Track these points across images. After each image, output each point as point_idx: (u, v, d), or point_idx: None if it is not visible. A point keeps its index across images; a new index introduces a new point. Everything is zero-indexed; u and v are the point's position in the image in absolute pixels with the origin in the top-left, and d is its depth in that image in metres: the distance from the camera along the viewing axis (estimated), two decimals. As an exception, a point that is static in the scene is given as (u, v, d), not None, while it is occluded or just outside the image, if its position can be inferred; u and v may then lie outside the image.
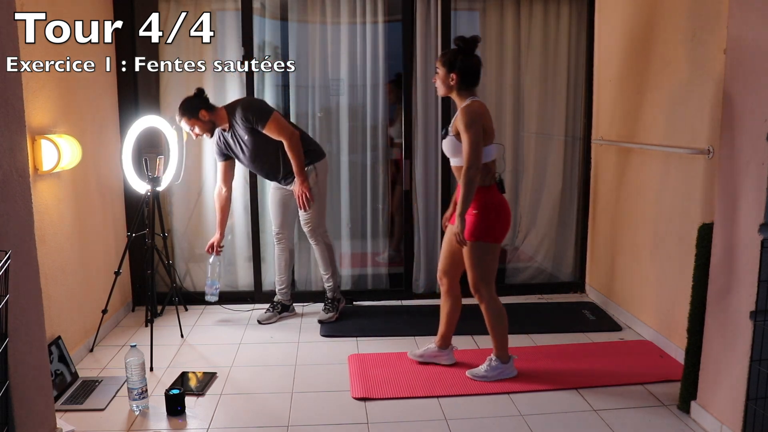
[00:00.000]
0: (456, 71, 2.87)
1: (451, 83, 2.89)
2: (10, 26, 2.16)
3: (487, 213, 2.91)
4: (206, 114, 3.56)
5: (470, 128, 2.81)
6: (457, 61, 2.87)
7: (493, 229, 2.93)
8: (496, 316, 3.02)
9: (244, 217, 4.29)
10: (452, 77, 2.88)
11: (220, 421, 2.71)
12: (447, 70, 2.89)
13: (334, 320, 3.86)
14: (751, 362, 2.30)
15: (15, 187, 2.14)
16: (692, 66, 3.07)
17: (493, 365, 3.05)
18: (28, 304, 2.22)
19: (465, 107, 2.86)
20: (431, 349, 3.26)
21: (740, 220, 2.36)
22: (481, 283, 2.97)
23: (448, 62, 2.89)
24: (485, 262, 2.96)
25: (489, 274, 2.99)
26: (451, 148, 2.94)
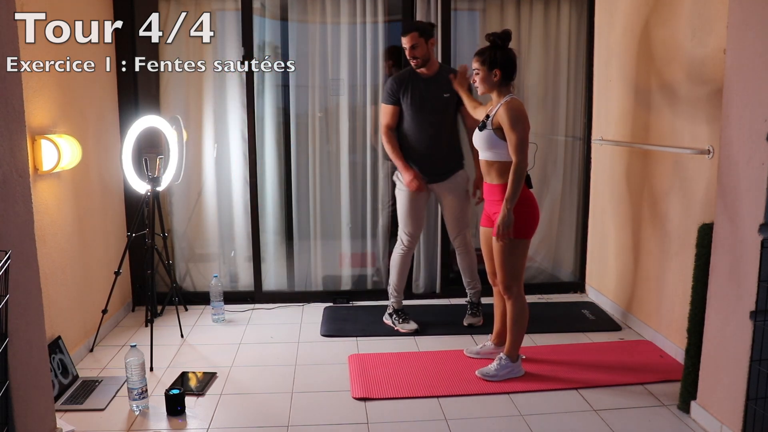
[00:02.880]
0: (498, 67, 2.90)
1: (494, 80, 2.92)
2: (10, 26, 2.16)
3: (518, 212, 2.92)
4: (434, 44, 3.53)
5: (517, 126, 2.85)
6: (497, 57, 2.90)
7: (524, 226, 2.95)
8: (520, 313, 3.05)
9: (244, 217, 4.29)
10: (495, 73, 2.91)
11: (220, 421, 2.71)
12: (489, 68, 2.91)
13: (480, 324, 3.77)
14: (751, 362, 2.30)
15: (15, 187, 2.15)
16: (692, 66, 3.07)
17: (503, 364, 3.05)
18: (28, 304, 2.22)
19: (508, 104, 2.89)
20: (488, 347, 3.30)
21: (740, 220, 2.36)
22: (512, 280, 3.00)
23: (489, 60, 2.91)
24: (516, 258, 2.99)
25: (520, 270, 3.02)
26: (488, 141, 2.95)
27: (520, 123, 2.86)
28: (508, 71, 2.92)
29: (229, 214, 4.33)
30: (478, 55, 2.95)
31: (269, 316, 4.07)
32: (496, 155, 2.94)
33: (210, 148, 4.24)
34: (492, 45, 2.92)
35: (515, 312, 3.05)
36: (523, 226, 2.94)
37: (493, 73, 2.91)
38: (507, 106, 2.88)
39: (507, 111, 2.87)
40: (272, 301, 4.27)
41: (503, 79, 2.92)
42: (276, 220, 4.40)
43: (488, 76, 2.92)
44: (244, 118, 4.17)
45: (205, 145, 4.24)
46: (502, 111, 2.88)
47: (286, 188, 4.38)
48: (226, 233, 4.35)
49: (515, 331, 3.06)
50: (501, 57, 2.90)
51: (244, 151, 4.21)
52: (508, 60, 2.92)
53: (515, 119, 2.85)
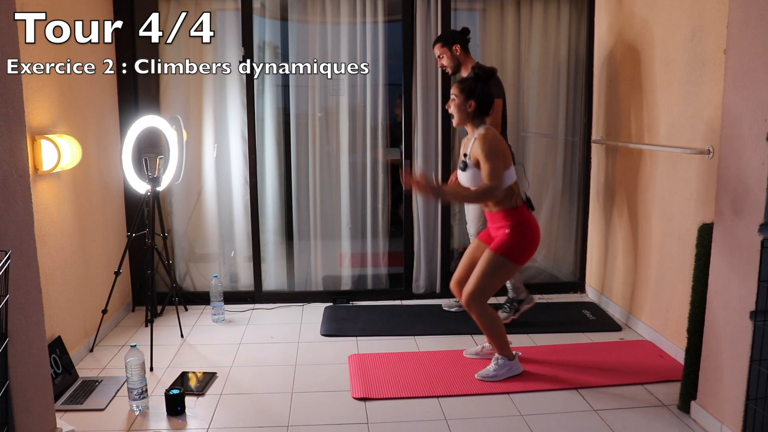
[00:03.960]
0: (475, 99, 2.90)
1: (468, 110, 2.92)
2: (10, 26, 2.16)
3: (520, 234, 2.92)
4: (459, 49, 3.63)
5: (491, 156, 2.83)
6: (477, 88, 2.91)
7: (521, 250, 2.95)
8: (489, 322, 3.03)
9: (244, 217, 4.30)
10: (470, 104, 2.91)
11: (220, 421, 2.71)
12: (465, 98, 2.92)
13: (509, 321, 3.75)
14: (751, 362, 2.30)
15: (15, 187, 2.15)
16: (692, 66, 3.07)
17: (500, 363, 3.05)
18: (28, 304, 2.22)
19: (481, 136, 2.89)
20: (487, 348, 3.29)
21: (740, 220, 2.36)
22: (479, 295, 2.97)
23: (467, 89, 2.92)
24: (497, 278, 2.98)
25: (492, 290, 3.01)
26: (472, 180, 2.94)
27: (493, 153, 2.84)
28: (483, 106, 2.93)
29: (229, 214, 4.33)
30: (458, 83, 2.97)
31: (269, 316, 4.07)
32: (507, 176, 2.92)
33: (210, 148, 4.24)
34: (475, 77, 2.94)
35: (484, 324, 3.03)
36: (520, 250, 2.94)
37: (468, 104, 2.92)
38: (481, 139, 2.88)
39: (481, 143, 2.87)
40: (272, 301, 4.27)
41: (477, 111, 2.93)
42: (276, 220, 4.40)
43: (463, 106, 2.93)
44: (244, 118, 4.17)
45: (205, 145, 4.24)
46: (477, 144, 2.89)
47: (286, 188, 4.38)
48: (226, 233, 4.36)
49: (495, 337, 3.05)
50: (480, 90, 2.92)
51: (244, 151, 4.21)
52: (486, 96, 2.93)
53: (489, 151, 2.84)
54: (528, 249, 2.97)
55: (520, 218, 2.93)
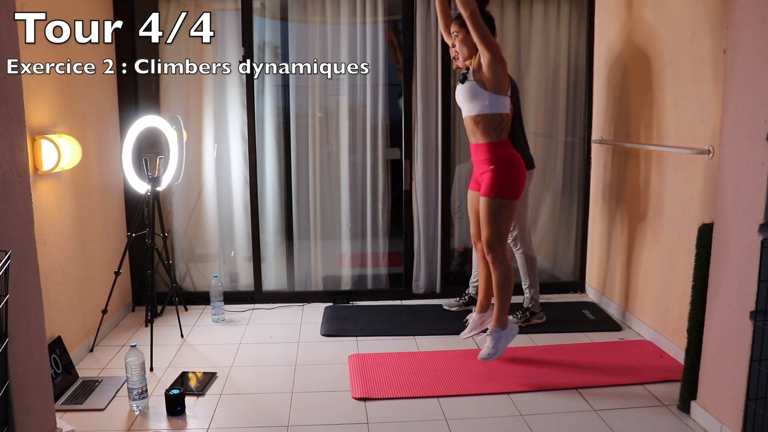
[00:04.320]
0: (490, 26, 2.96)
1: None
2: (10, 26, 2.16)
3: (504, 169, 2.96)
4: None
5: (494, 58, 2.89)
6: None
7: (511, 186, 2.98)
8: (505, 277, 3.05)
9: (244, 217, 4.30)
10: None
11: (220, 421, 2.71)
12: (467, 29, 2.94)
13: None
14: (751, 362, 2.30)
15: (15, 187, 2.15)
16: (692, 66, 3.07)
17: (497, 336, 3.06)
18: (28, 304, 2.23)
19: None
20: (474, 318, 3.31)
21: (740, 220, 2.36)
22: (495, 240, 3.01)
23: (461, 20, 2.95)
24: (502, 218, 3.01)
25: (504, 231, 3.04)
26: (470, 92, 2.98)
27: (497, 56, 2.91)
28: (488, 27, 2.96)
29: (229, 214, 4.33)
30: (456, 20, 3.00)
31: (269, 316, 4.07)
32: (480, 107, 2.95)
33: (210, 148, 4.24)
34: None
35: (501, 277, 3.05)
36: (509, 186, 2.97)
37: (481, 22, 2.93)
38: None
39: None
40: (272, 301, 4.27)
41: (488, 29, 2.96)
42: (276, 220, 4.40)
43: (468, 37, 2.96)
44: (244, 118, 4.17)
45: (205, 145, 4.24)
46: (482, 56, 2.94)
47: (286, 188, 4.38)
48: (226, 233, 4.36)
49: (502, 297, 3.06)
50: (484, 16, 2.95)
51: (244, 151, 4.22)
52: (487, 18, 2.98)
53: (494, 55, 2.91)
54: (516, 183, 3.01)
55: (502, 152, 2.98)
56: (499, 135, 2.98)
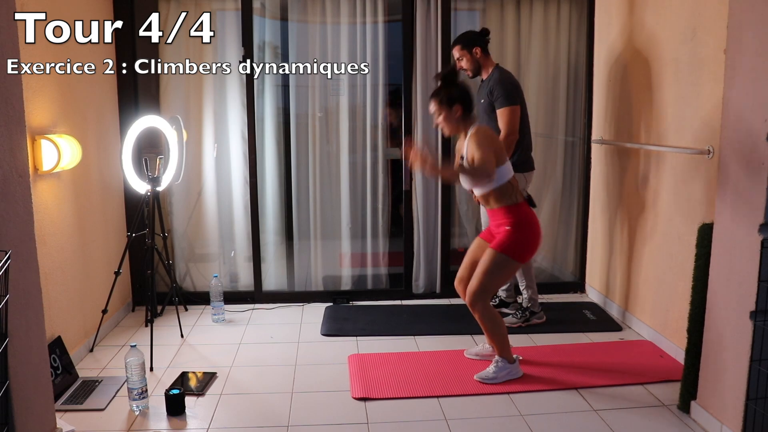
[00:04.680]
0: (458, 102, 2.91)
1: (457, 116, 2.92)
2: (10, 26, 2.16)
3: (521, 231, 2.92)
4: (479, 52, 3.60)
5: (482, 146, 2.84)
6: (454, 93, 2.91)
7: (524, 249, 2.95)
8: (491, 322, 3.03)
9: (244, 217, 4.30)
10: (456, 110, 2.91)
11: (220, 421, 2.71)
12: (449, 106, 2.92)
13: (515, 326, 3.73)
14: (751, 362, 2.30)
15: (15, 187, 2.15)
16: (692, 66, 3.07)
17: (500, 366, 3.05)
18: (28, 304, 2.23)
19: (474, 133, 2.90)
20: (487, 348, 3.27)
21: (740, 220, 2.36)
22: (482, 293, 2.97)
23: (446, 98, 2.92)
24: (499, 276, 2.99)
25: (493, 289, 3.03)
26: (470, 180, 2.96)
27: (485, 143, 2.85)
28: (467, 103, 2.94)
29: (229, 214, 4.33)
30: (434, 98, 2.97)
31: (269, 316, 4.07)
32: (486, 186, 2.93)
33: (210, 148, 4.24)
34: (444, 84, 2.95)
35: (486, 324, 3.03)
36: (521, 249, 2.93)
37: (454, 110, 2.92)
38: (474, 135, 2.90)
39: (474, 138, 2.88)
40: (272, 301, 4.27)
41: (465, 112, 2.94)
42: (276, 220, 4.41)
43: (450, 114, 2.93)
44: (244, 118, 4.17)
45: (205, 145, 4.24)
46: (471, 141, 2.90)
47: (286, 188, 4.38)
48: (226, 233, 4.36)
49: (497, 339, 3.04)
50: (457, 92, 2.92)
51: (244, 151, 4.22)
52: (465, 93, 2.95)
53: (480, 142, 2.85)
54: (529, 246, 2.97)
55: (520, 215, 2.93)
56: (513, 199, 2.93)
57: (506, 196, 2.93)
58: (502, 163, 2.90)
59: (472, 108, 2.97)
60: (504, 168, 2.90)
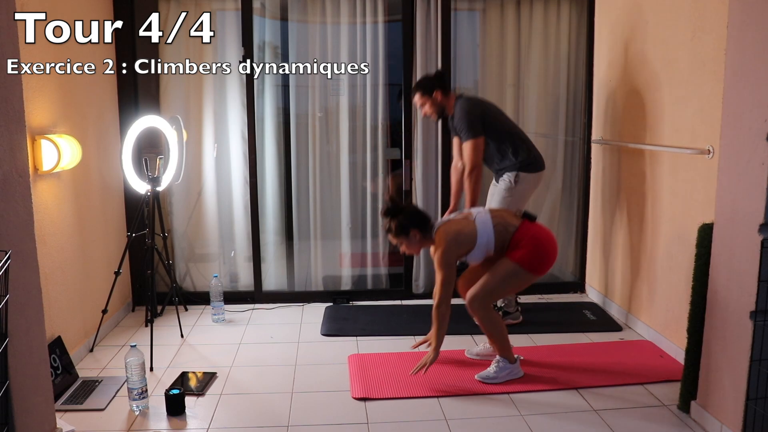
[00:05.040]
0: (413, 228, 2.96)
1: (417, 238, 2.98)
2: (10, 26, 2.16)
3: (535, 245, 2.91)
4: (440, 96, 3.57)
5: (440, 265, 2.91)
6: (404, 222, 2.96)
7: (540, 262, 2.93)
8: (490, 325, 3.02)
9: (244, 217, 4.30)
10: (414, 235, 2.97)
11: (220, 421, 2.71)
12: (405, 235, 2.98)
13: (516, 323, 3.75)
14: (751, 362, 2.30)
15: (15, 187, 2.15)
16: (692, 66, 3.07)
17: (501, 365, 3.05)
18: (28, 304, 2.22)
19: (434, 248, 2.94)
20: (488, 348, 3.26)
21: (740, 220, 2.36)
22: (486, 297, 2.96)
23: (400, 230, 2.96)
24: (508, 285, 2.98)
25: (497, 296, 3.03)
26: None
27: (441, 260, 2.90)
28: (422, 223, 2.97)
29: (229, 214, 4.33)
30: (389, 233, 3.02)
31: (269, 316, 4.07)
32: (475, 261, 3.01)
33: (210, 148, 4.24)
34: (393, 216, 2.97)
35: (486, 326, 3.03)
36: (538, 260, 2.92)
37: (412, 236, 2.96)
38: (434, 255, 2.95)
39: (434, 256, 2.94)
40: (272, 301, 4.27)
41: (422, 235, 2.97)
42: (276, 220, 4.41)
43: (410, 241, 2.99)
44: (244, 118, 4.17)
45: (205, 145, 4.24)
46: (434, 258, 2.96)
47: (286, 188, 4.38)
48: (226, 233, 4.36)
49: (497, 339, 3.05)
50: (406, 219, 2.96)
51: (244, 151, 4.22)
52: (413, 215, 2.98)
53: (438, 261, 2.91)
54: (545, 259, 2.94)
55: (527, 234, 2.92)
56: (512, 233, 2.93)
57: (504, 243, 2.94)
58: (472, 247, 2.93)
59: (428, 222, 2.99)
60: (474, 252, 2.94)
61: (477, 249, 2.94)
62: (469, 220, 2.97)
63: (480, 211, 3.02)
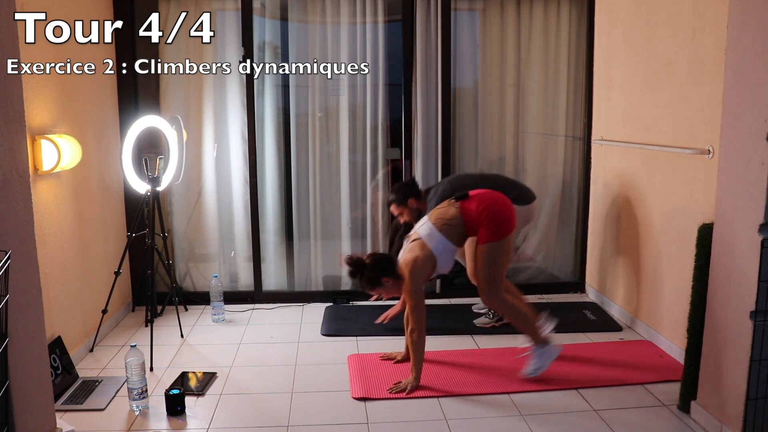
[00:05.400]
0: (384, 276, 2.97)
1: (389, 284, 2.99)
2: (10, 26, 2.16)
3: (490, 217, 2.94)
4: (414, 202, 3.67)
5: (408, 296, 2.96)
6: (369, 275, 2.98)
7: (501, 226, 2.96)
8: (512, 311, 3.05)
9: (244, 217, 4.30)
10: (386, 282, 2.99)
11: (220, 421, 2.71)
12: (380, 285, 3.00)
13: (488, 326, 3.75)
14: (751, 362, 2.30)
15: (15, 187, 2.15)
16: (692, 66, 3.07)
17: (539, 352, 3.04)
18: (28, 304, 2.22)
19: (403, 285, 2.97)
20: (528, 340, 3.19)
21: (740, 220, 2.36)
22: (491, 287, 2.99)
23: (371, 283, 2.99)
24: (498, 263, 2.99)
25: (500, 275, 3.02)
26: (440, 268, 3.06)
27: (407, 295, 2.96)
28: (388, 270, 2.98)
29: (229, 214, 4.33)
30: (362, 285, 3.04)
31: (269, 316, 4.07)
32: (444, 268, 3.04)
33: (210, 148, 4.24)
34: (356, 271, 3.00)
35: (508, 314, 3.07)
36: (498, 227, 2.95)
37: (384, 283, 2.99)
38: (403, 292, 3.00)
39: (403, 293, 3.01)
40: (272, 301, 4.27)
41: (393, 280, 2.98)
42: (276, 220, 4.40)
43: (385, 287, 3.01)
44: (244, 118, 4.17)
45: (205, 145, 4.24)
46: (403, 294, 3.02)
47: (286, 188, 4.38)
48: (226, 233, 4.36)
49: (523, 325, 3.07)
50: (372, 273, 2.98)
51: (244, 151, 4.22)
52: (378, 265, 2.99)
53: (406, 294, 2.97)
54: (503, 221, 2.98)
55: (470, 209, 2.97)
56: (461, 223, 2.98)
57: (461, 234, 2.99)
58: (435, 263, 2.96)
59: (394, 264, 3.01)
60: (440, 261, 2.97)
61: (441, 260, 2.98)
62: (418, 242, 3.00)
63: (422, 226, 3.06)
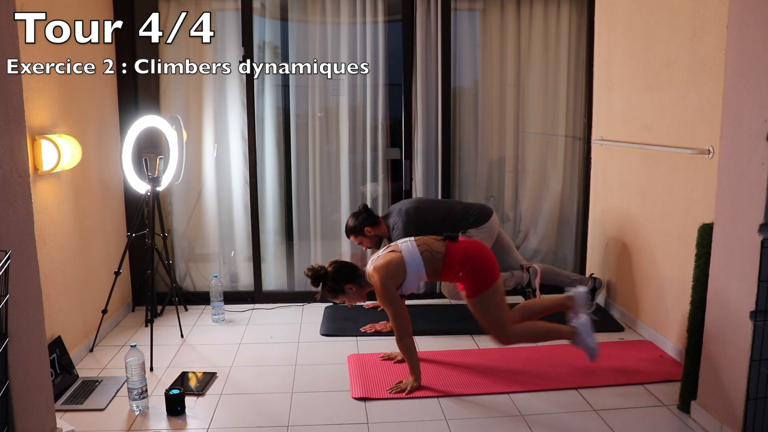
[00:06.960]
0: (347, 283, 3.02)
1: (353, 291, 3.04)
2: (10, 26, 2.16)
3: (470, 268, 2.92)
4: (371, 230, 3.80)
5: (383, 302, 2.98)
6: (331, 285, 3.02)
7: (483, 276, 2.93)
8: (532, 336, 3.07)
9: (244, 217, 4.30)
10: (350, 289, 3.04)
11: (220, 421, 2.71)
12: (343, 293, 3.05)
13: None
14: (751, 362, 2.30)
15: (15, 187, 2.15)
16: (692, 66, 3.07)
17: (578, 341, 3.03)
18: (28, 304, 2.23)
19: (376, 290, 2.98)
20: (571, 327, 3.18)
21: (740, 220, 2.36)
22: (498, 330, 2.96)
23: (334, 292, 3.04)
24: (492, 309, 2.96)
25: (500, 316, 2.97)
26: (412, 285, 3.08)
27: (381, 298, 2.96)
28: (352, 276, 3.02)
29: (229, 214, 4.33)
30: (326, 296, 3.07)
31: (269, 316, 4.07)
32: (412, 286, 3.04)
33: (210, 148, 4.25)
34: (317, 280, 3.03)
35: (532, 340, 3.10)
36: (481, 278, 2.93)
37: (347, 290, 3.03)
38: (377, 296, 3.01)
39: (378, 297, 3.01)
40: (272, 301, 4.27)
41: (355, 283, 3.02)
42: (276, 220, 4.40)
43: (349, 295, 3.05)
44: (244, 118, 4.17)
45: (205, 145, 4.24)
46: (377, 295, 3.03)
47: (286, 188, 4.38)
48: (226, 233, 4.36)
49: (549, 338, 3.07)
50: (334, 283, 3.02)
51: (244, 151, 4.22)
52: (338, 274, 3.02)
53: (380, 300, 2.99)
54: (485, 271, 2.94)
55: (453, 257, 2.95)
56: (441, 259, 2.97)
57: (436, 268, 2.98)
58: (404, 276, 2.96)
59: (356, 271, 3.04)
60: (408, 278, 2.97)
61: (409, 277, 2.98)
62: (395, 252, 3.00)
63: (405, 241, 3.06)
